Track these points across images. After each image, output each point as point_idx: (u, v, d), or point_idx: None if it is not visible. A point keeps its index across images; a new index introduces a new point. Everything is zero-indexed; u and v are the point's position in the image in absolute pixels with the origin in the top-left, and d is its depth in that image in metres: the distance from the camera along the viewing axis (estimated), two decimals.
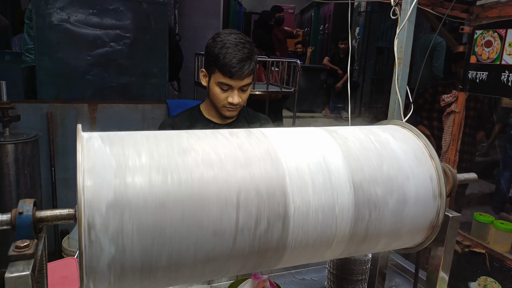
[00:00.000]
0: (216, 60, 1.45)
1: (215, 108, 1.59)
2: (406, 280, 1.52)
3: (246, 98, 1.56)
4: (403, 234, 0.92)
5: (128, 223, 0.62)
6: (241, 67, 1.44)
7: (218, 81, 1.48)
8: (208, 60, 1.52)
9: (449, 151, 2.35)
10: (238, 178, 0.70)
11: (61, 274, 1.53)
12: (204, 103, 1.67)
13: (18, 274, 0.59)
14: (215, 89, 1.51)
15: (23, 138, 2.38)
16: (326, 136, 0.87)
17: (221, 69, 1.45)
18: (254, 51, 1.52)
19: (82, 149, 0.65)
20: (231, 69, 1.43)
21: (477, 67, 2.20)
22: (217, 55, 1.45)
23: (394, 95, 1.54)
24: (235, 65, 1.43)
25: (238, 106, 1.55)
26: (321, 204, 0.76)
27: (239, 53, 1.44)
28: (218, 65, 1.45)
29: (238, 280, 1.32)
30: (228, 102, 1.51)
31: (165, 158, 0.68)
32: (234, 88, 1.49)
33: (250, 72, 1.49)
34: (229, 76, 1.45)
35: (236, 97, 1.50)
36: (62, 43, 3.09)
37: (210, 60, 1.49)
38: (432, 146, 0.96)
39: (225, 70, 1.44)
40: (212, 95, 1.54)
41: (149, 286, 0.70)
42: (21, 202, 0.66)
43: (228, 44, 1.45)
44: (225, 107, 1.54)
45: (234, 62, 1.43)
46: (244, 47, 1.47)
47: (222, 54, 1.43)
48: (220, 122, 1.65)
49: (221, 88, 1.50)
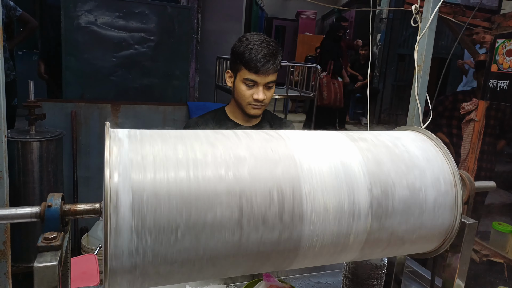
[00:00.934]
0: (242, 57, 1.50)
1: (241, 109, 1.62)
2: (422, 287, 1.51)
3: (270, 96, 1.60)
4: (419, 239, 0.92)
5: (151, 217, 0.64)
6: (266, 61, 1.49)
7: (243, 78, 1.53)
8: (233, 60, 1.57)
9: (468, 159, 2.32)
10: (254, 178, 0.72)
11: (81, 269, 1.58)
12: (229, 105, 1.71)
13: (46, 264, 0.62)
14: (241, 87, 1.55)
15: (48, 136, 2.46)
16: (345, 139, 0.88)
17: (246, 65, 1.50)
18: (279, 50, 1.56)
19: (110, 145, 0.68)
20: (257, 63, 1.48)
21: (498, 76, 2.17)
22: (242, 52, 1.50)
23: (414, 102, 1.53)
24: (261, 60, 1.48)
25: (263, 104, 1.59)
26: (338, 206, 0.77)
27: (264, 49, 1.49)
28: (243, 62, 1.50)
29: (254, 281, 1.34)
30: (253, 99, 1.54)
31: (187, 156, 0.70)
32: (259, 84, 1.53)
33: (275, 68, 1.53)
34: (255, 72, 1.50)
35: (261, 93, 1.53)
36: (88, 45, 3.19)
37: (235, 58, 1.54)
38: (450, 153, 0.97)
39: (250, 66, 1.49)
40: (238, 94, 1.58)
41: (166, 282, 0.73)
42: (50, 195, 0.70)
43: (254, 42, 1.50)
44: (250, 104, 1.57)
45: (259, 57, 1.48)
46: (269, 44, 1.52)
47: (248, 51, 1.49)
48: (245, 124, 1.68)
49: (246, 85, 1.54)
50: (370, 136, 0.94)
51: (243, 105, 1.59)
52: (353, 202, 0.79)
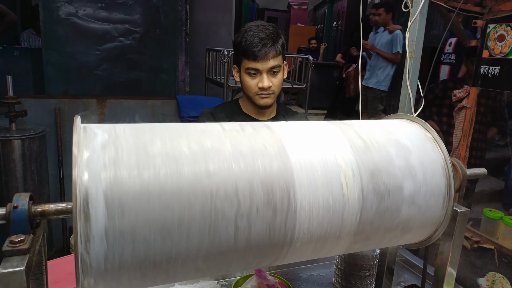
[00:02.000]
0: (239, 46, 1.45)
1: (251, 102, 1.57)
2: (415, 276, 1.49)
3: (278, 83, 1.52)
4: (411, 229, 0.90)
5: (126, 218, 0.60)
6: (263, 45, 1.42)
7: (245, 68, 1.47)
8: (235, 53, 1.52)
9: (460, 147, 2.30)
10: (241, 172, 0.68)
11: (67, 270, 1.53)
12: (242, 99, 1.66)
13: (12, 269, 0.57)
14: (245, 78, 1.50)
15: (30, 133, 2.39)
16: (334, 129, 0.85)
17: (244, 53, 1.44)
18: (279, 34, 1.49)
19: (79, 141, 0.64)
20: (253, 49, 1.42)
21: (490, 62, 2.15)
22: (240, 41, 1.45)
23: (405, 90, 1.51)
24: (257, 44, 1.41)
25: (272, 92, 1.52)
26: (328, 198, 0.74)
27: (260, 33, 1.43)
28: (242, 51, 1.45)
29: (245, 276, 1.31)
30: (259, 88, 1.48)
31: (165, 151, 0.66)
32: (262, 72, 1.47)
33: (275, 52, 1.46)
34: (253, 59, 1.43)
35: (265, 80, 1.47)
36: (70, 38, 3.10)
37: (236, 50, 1.50)
38: (441, 140, 0.94)
39: (248, 54, 1.43)
40: (244, 87, 1.53)
41: (148, 282, 0.69)
42: (16, 195, 0.65)
43: (249, 28, 1.45)
44: (257, 94, 1.51)
45: (255, 42, 1.42)
46: (265, 28, 1.45)
47: (244, 38, 1.44)
48: (259, 117, 1.62)
49: (249, 75, 1.48)
50: (359, 124, 0.90)
51: (251, 96, 1.53)
52: (341, 193, 0.76)
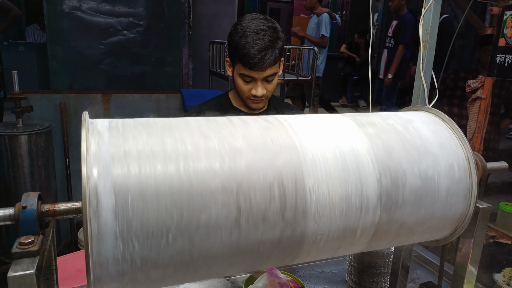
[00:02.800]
0: (236, 50, 1.36)
1: (241, 98, 1.51)
2: (430, 273, 1.46)
3: (272, 89, 1.46)
4: (431, 227, 0.87)
5: (139, 215, 0.57)
6: (261, 57, 1.33)
7: (240, 73, 1.40)
8: (230, 50, 1.43)
9: (474, 139, 2.25)
10: (252, 169, 0.65)
11: (76, 267, 1.52)
12: (232, 92, 1.59)
13: (22, 273, 0.56)
14: (238, 81, 1.43)
15: (36, 129, 2.37)
16: (351, 123, 0.81)
17: (241, 60, 1.36)
18: (279, 37, 1.39)
19: (88, 138, 0.61)
20: (250, 60, 1.33)
21: (506, 51, 2.08)
22: (236, 45, 1.36)
23: (419, 81, 1.46)
24: (255, 56, 1.33)
25: (264, 98, 1.46)
26: (345, 197, 0.71)
27: (259, 42, 1.33)
28: (238, 56, 1.36)
29: (255, 273, 1.28)
30: (252, 94, 1.42)
31: (177, 148, 0.63)
32: (257, 80, 1.40)
33: (273, 61, 1.37)
34: (250, 68, 1.35)
35: (259, 89, 1.40)
36: (74, 32, 3.07)
37: (231, 50, 1.41)
38: (464, 135, 0.90)
39: (245, 62, 1.35)
40: (237, 87, 1.47)
41: (160, 281, 0.66)
42: (24, 195, 0.63)
43: (248, 33, 1.34)
44: (249, 99, 1.46)
45: (253, 53, 1.32)
46: (265, 34, 1.35)
47: (242, 44, 1.34)
48: (249, 111, 1.55)
49: (244, 80, 1.41)
50: (378, 119, 0.86)
51: (243, 98, 1.48)
52: (360, 194, 0.73)
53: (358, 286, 1.32)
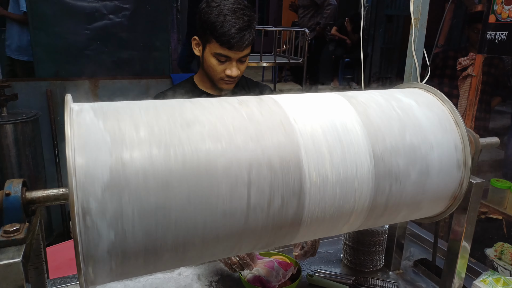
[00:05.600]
0: (213, 29, 1.31)
1: (210, 79, 1.46)
2: (424, 250, 1.47)
3: (244, 69, 1.43)
4: (425, 204, 0.87)
5: (128, 205, 0.56)
6: (241, 37, 1.30)
7: (215, 52, 1.35)
8: (202, 28, 1.36)
9: (466, 117, 2.25)
10: (248, 152, 0.64)
11: (68, 256, 1.50)
12: (198, 74, 1.53)
13: (8, 261, 0.54)
14: (211, 61, 1.37)
15: (22, 117, 2.33)
16: (344, 103, 0.80)
17: (218, 39, 1.31)
18: (254, 17, 1.37)
19: (72, 123, 0.58)
20: (230, 40, 1.30)
21: (496, 27, 2.07)
22: (213, 23, 1.31)
23: (410, 58, 1.44)
24: (235, 35, 1.29)
25: (236, 79, 1.42)
26: (339, 178, 0.71)
27: (239, 21, 1.30)
28: (215, 35, 1.31)
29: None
30: (226, 74, 1.38)
31: (167, 132, 0.61)
32: (233, 60, 1.36)
33: (250, 41, 1.35)
34: (228, 47, 1.32)
35: (234, 69, 1.37)
36: (57, 17, 2.98)
37: (205, 28, 1.34)
38: (458, 111, 0.89)
39: (223, 41, 1.30)
40: (208, 67, 1.41)
41: (154, 269, 0.65)
42: (8, 182, 0.61)
43: (226, 11, 1.30)
44: (222, 80, 1.41)
45: (233, 32, 1.29)
46: (244, 13, 1.32)
47: (220, 23, 1.29)
48: (217, 94, 1.51)
49: (218, 60, 1.36)
50: (371, 97, 0.85)
51: (215, 79, 1.42)
52: (355, 173, 0.72)
53: (353, 265, 1.33)
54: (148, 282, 1.19)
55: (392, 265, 1.32)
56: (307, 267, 1.31)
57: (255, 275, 1.15)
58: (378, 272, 1.32)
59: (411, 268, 1.35)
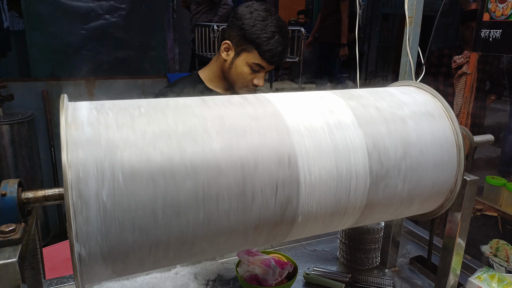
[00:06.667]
0: (259, 43, 1.36)
1: (227, 82, 1.48)
2: (420, 247, 1.48)
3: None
4: (420, 200, 0.88)
5: (124, 204, 0.56)
6: (282, 56, 1.40)
7: (252, 62, 1.39)
8: (242, 37, 1.39)
9: (461, 115, 2.27)
10: (243, 151, 0.64)
11: (64, 256, 1.50)
12: (206, 71, 1.54)
13: (4, 261, 0.54)
14: (244, 69, 1.41)
15: (18, 118, 2.32)
16: (339, 100, 0.80)
17: (262, 53, 1.37)
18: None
19: (67, 123, 0.58)
20: (274, 56, 1.38)
21: (491, 25, 2.08)
22: (260, 37, 1.36)
23: (405, 57, 1.45)
24: (279, 53, 1.38)
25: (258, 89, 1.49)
26: (334, 175, 0.71)
27: (284, 40, 1.39)
28: (260, 49, 1.37)
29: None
30: (253, 83, 1.43)
31: (163, 130, 0.61)
32: (265, 71, 1.43)
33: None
34: (269, 62, 1.39)
35: (262, 80, 1.44)
36: (53, 18, 2.97)
37: (248, 38, 1.38)
38: (451, 108, 0.90)
39: (267, 56, 1.37)
40: (236, 73, 1.44)
41: (151, 267, 0.66)
42: (3, 182, 0.61)
43: (274, 28, 1.37)
44: (247, 87, 1.45)
45: (279, 50, 1.38)
46: (287, 32, 1.42)
47: (267, 39, 1.36)
48: (226, 93, 1.53)
49: (251, 69, 1.41)
50: (365, 93, 0.86)
51: (238, 85, 1.45)
52: (350, 167, 0.73)
53: (349, 262, 1.34)
54: (145, 282, 1.19)
55: (388, 262, 1.33)
56: (304, 265, 1.32)
57: (251, 273, 1.15)
58: (374, 269, 1.33)
59: (407, 265, 1.36)
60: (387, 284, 1.21)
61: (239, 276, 1.16)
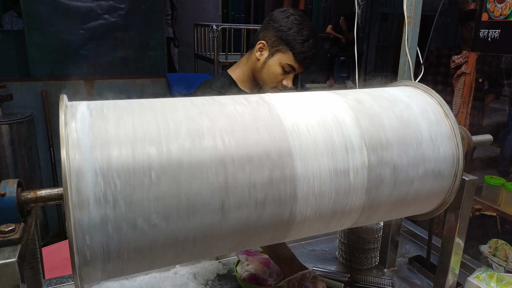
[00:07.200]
0: (295, 45, 1.42)
1: (255, 81, 1.52)
2: (419, 247, 1.48)
3: None
4: (419, 200, 0.88)
5: (122, 205, 0.56)
6: (314, 59, 1.47)
7: (286, 63, 1.44)
8: (280, 38, 1.43)
9: (460, 115, 2.27)
10: (241, 150, 0.64)
11: (63, 256, 1.50)
12: (237, 72, 1.56)
13: (3, 261, 0.54)
14: (276, 69, 1.46)
15: (18, 118, 2.32)
16: (338, 99, 0.81)
17: (297, 55, 1.42)
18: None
19: (67, 123, 0.59)
20: (307, 59, 1.43)
21: (489, 25, 2.08)
22: (296, 39, 1.41)
23: (404, 57, 1.45)
24: (312, 56, 1.45)
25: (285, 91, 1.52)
26: (332, 175, 0.71)
27: (317, 45, 1.46)
28: (296, 51, 1.42)
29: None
30: (282, 84, 1.48)
31: (161, 130, 0.61)
32: (295, 73, 1.48)
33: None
34: (301, 65, 1.45)
35: (291, 81, 1.49)
36: (52, 17, 2.96)
37: (285, 39, 1.43)
38: (449, 108, 0.90)
39: (300, 58, 1.43)
40: (268, 73, 1.48)
41: (149, 267, 0.66)
42: (3, 182, 0.61)
43: (309, 32, 1.43)
44: (275, 88, 1.50)
45: (312, 53, 1.44)
46: (319, 38, 1.49)
47: (302, 41, 1.42)
48: (251, 93, 1.54)
49: (283, 69, 1.46)
50: (363, 93, 0.86)
51: (267, 84, 1.49)
52: (349, 167, 0.73)
53: (349, 262, 1.34)
54: (144, 281, 1.20)
55: (387, 262, 1.33)
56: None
57: (251, 273, 1.15)
58: (373, 269, 1.33)
59: (406, 265, 1.36)
60: (386, 283, 1.22)
61: (238, 275, 1.16)
